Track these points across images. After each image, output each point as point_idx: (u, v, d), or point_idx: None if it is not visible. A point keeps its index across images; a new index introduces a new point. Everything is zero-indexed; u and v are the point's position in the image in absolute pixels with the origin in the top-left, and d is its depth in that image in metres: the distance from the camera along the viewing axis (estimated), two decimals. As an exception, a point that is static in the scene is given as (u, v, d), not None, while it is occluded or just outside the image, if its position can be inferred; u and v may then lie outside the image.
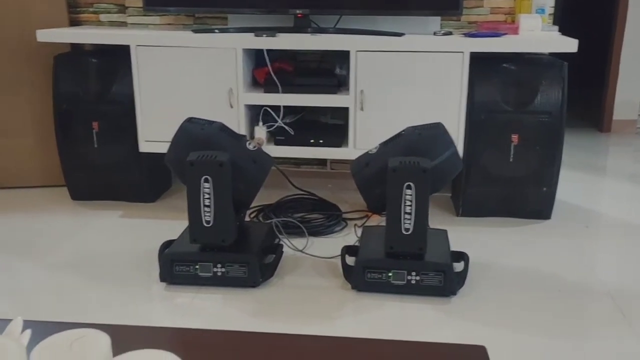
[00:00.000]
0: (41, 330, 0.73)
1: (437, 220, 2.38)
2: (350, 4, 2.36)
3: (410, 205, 1.73)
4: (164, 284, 1.86)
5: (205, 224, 1.81)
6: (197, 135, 1.82)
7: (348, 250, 1.95)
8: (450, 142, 1.82)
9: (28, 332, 0.70)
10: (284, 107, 2.37)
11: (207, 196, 1.78)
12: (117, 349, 0.70)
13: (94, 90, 2.41)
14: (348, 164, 2.63)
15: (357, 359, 0.77)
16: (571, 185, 2.81)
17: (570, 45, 2.14)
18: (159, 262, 1.89)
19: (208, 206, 1.79)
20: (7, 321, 0.75)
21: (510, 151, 2.26)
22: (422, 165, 1.71)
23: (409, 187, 1.71)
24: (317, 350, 0.81)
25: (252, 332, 0.89)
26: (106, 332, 0.69)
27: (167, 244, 1.96)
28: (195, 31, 2.41)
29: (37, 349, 0.62)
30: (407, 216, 1.74)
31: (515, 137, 2.25)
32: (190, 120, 1.87)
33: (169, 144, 1.87)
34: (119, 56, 2.40)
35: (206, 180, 1.76)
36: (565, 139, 2.30)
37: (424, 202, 1.73)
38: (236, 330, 1.59)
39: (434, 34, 2.36)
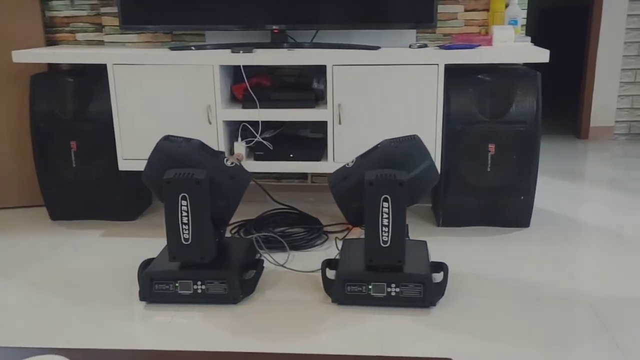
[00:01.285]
0: (6, 357, 0.72)
1: (418, 230, 2.39)
2: (326, 19, 2.38)
3: (387, 218, 1.74)
4: (143, 302, 1.85)
5: (184, 242, 1.80)
6: (173, 153, 1.82)
7: (328, 263, 1.96)
8: (426, 154, 1.83)
9: (-8, 359, 0.69)
10: (263, 122, 2.38)
11: (184, 214, 1.77)
12: (83, 373, 0.69)
13: (71, 109, 2.41)
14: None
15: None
16: (550, 192, 2.84)
17: (542, 55, 2.17)
18: (138, 280, 1.88)
19: (186, 224, 1.78)
20: (-27, 349, 0.75)
21: (487, 161, 2.29)
22: (398, 177, 1.72)
23: (385, 200, 1.73)
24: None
25: (225, 351, 0.89)
26: (73, 357, 0.69)
27: (147, 263, 1.95)
28: (172, 49, 2.41)
29: (-1, 377, 0.62)
30: (384, 229, 1.75)
31: (492, 147, 2.27)
32: (166, 138, 1.87)
33: (146, 162, 1.87)
34: (96, 75, 2.40)
35: (184, 198, 1.76)
36: (543, 147, 2.33)
37: (401, 215, 1.74)
38: (215, 350, 1.58)
39: (410, 46, 2.39)
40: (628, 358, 1.53)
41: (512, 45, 2.32)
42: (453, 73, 2.28)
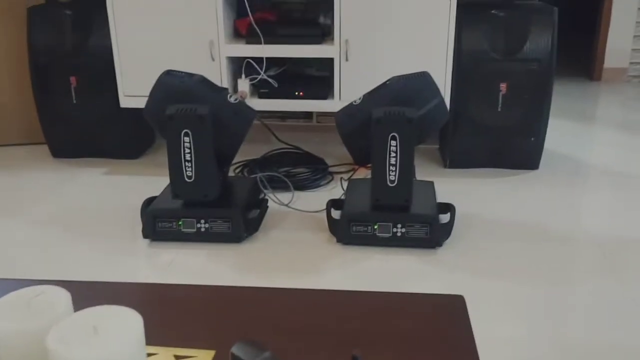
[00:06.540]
0: (6, 287, 0.70)
1: (425, 171, 2.36)
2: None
3: (395, 157, 1.70)
4: (147, 240, 1.84)
5: (187, 179, 1.77)
6: (176, 88, 1.76)
7: (333, 203, 1.93)
8: (436, 91, 1.77)
9: (-14, 290, 0.67)
10: (268, 59, 2.31)
11: (187, 151, 1.73)
12: (81, 305, 0.67)
13: (70, 43, 2.33)
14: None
15: (336, 310, 0.75)
16: (560, 134, 2.79)
17: (560, -11, 2.08)
18: (141, 218, 1.86)
19: (189, 161, 1.75)
20: (-32, 279, 0.72)
21: (498, 100, 2.22)
22: (407, 115, 1.67)
23: (393, 138, 1.68)
24: (295, 302, 0.78)
25: (231, 285, 0.87)
26: (70, 289, 0.66)
27: (150, 201, 1.93)
28: (174, -20, 2.32)
29: (-7, 307, 0.60)
30: (392, 168, 1.71)
31: (503, 86, 2.21)
32: (168, 72, 1.82)
33: (147, 97, 1.82)
34: (95, 7, 2.31)
35: (186, 134, 1.72)
36: (555, 88, 2.26)
37: (409, 153, 1.70)
38: (216, 284, 1.57)
39: (421, -21, 2.28)
40: (635, 297, 1.52)
41: (528, -21, 2.21)
42: (465, 8, 2.19)
